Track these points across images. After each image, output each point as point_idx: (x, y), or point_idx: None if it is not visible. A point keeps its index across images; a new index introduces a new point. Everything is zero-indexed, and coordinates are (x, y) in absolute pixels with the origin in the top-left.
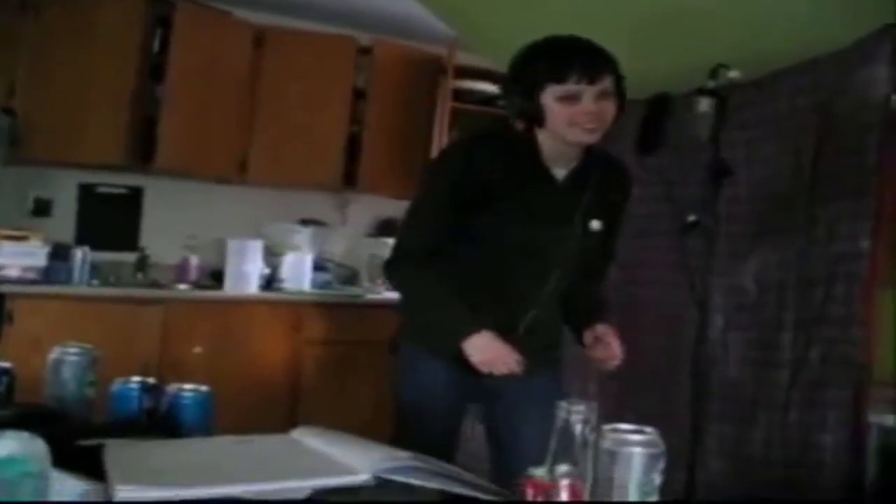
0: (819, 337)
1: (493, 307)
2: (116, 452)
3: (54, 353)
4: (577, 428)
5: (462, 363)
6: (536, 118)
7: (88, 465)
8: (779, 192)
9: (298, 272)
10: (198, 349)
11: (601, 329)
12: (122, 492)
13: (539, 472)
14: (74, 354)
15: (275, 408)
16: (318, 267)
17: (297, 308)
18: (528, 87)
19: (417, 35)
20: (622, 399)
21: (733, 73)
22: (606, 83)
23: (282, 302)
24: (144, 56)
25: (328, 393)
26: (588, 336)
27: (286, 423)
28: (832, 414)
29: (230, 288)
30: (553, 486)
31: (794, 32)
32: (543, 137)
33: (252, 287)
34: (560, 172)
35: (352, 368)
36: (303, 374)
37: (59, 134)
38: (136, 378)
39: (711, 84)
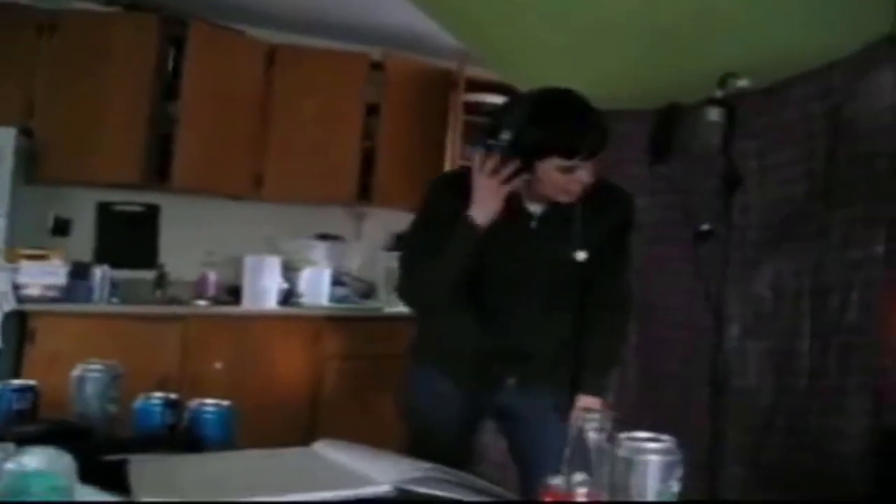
0: (836, 344)
1: (481, 335)
2: (141, 467)
3: (77, 371)
4: (592, 436)
5: (470, 380)
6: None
7: (113, 479)
8: (792, 200)
9: (316, 287)
10: (218, 365)
11: (588, 403)
12: None
13: (556, 482)
14: (97, 371)
15: (295, 422)
16: (336, 281)
17: (315, 322)
18: (530, 152)
19: (428, 50)
20: (640, 407)
21: (742, 82)
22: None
23: (300, 317)
24: (159, 75)
25: (348, 407)
26: (576, 407)
27: (307, 437)
28: (852, 421)
29: (248, 303)
30: (570, 496)
31: (802, 40)
32: (524, 181)
33: (270, 302)
34: (538, 208)
35: (372, 382)
36: (322, 388)
37: (76, 153)
38: (159, 394)
39: (720, 93)
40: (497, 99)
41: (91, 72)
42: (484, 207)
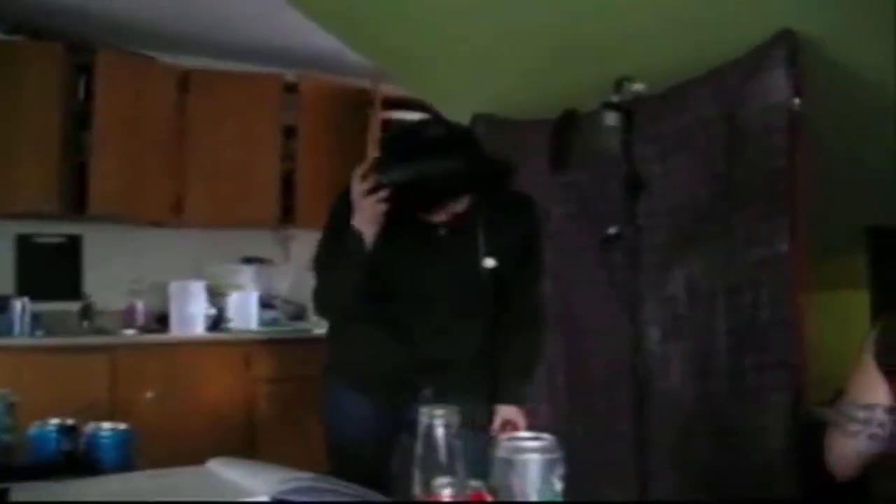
0: (752, 343)
1: (394, 347)
2: (22, 495)
3: None
4: (440, 432)
5: (385, 394)
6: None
7: None
8: (695, 202)
9: (245, 311)
10: (150, 394)
11: (507, 413)
12: None
13: (441, 483)
14: None
15: (231, 446)
16: (265, 304)
17: (245, 347)
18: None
19: (342, 69)
20: (571, 414)
21: (637, 86)
22: (459, 205)
23: (229, 342)
24: (69, 103)
25: (283, 429)
26: (497, 419)
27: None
28: (773, 418)
29: (176, 330)
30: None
31: (695, 43)
32: None
33: (198, 328)
34: (437, 217)
35: (305, 403)
36: (256, 411)
37: None
38: (55, 420)
39: (616, 97)
40: (413, 115)
41: None
42: (365, 222)
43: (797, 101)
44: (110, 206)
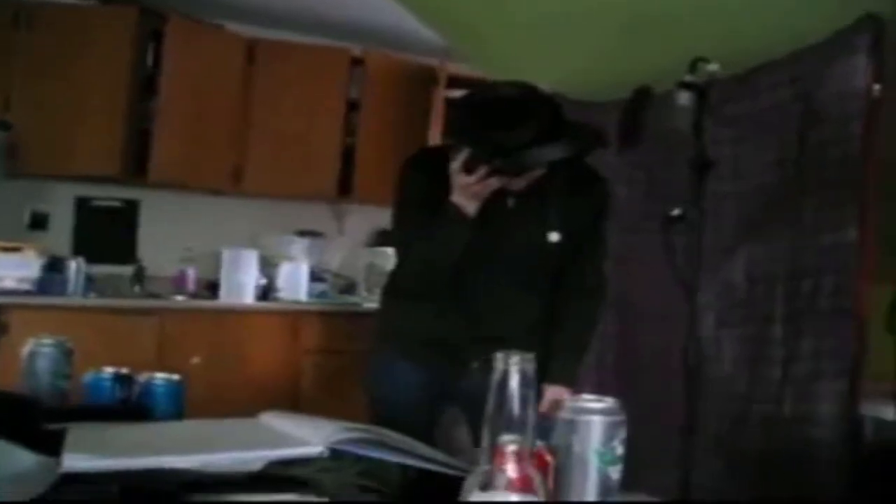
0: (809, 330)
1: (451, 318)
2: (78, 432)
3: (28, 346)
4: (515, 380)
5: (434, 365)
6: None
7: (54, 446)
8: (764, 186)
9: (295, 282)
10: (196, 359)
11: (556, 393)
12: (70, 461)
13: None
14: (48, 346)
15: None
16: (315, 277)
17: (293, 317)
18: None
19: (409, 46)
20: (619, 396)
21: (712, 67)
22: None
23: (278, 311)
24: (137, 69)
25: (327, 400)
26: (545, 399)
27: None
28: (826, 407)
29: (226, 298)
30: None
31: (775, 26)
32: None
33: (248, 297)
34: (516, 184)
35: (350, 377)
36: (301, 382)
37: (54, 147)
38: (109, 368)
39: (690, 78)
40: None
41: (69, 65)
42: (469, 198)
43: (877, 87)
44: (171, 173)
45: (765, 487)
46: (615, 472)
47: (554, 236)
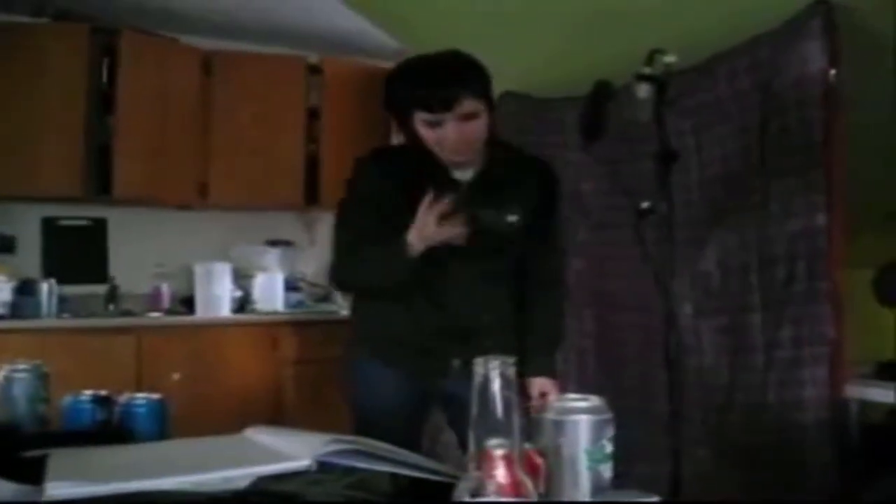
0: (787, 317)
1: (421, 313)
2: (60, 459)
3: (2, 372)
4: (496, 384)
5: (413, 365)
6: (413, 138)
7: (34, 474)
8: (730, 175)
9: (270, 293)
10: (176, 375)
11: (542, 385)
12: (53, 489)
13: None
14: (23, 371)
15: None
16: (291, 287)
17: (271, 328)
18: (399, 111)
19: (366, 51)
20: (601, 393)
21: (669, 58)
22: (467, 107)
23: (256, 323)
24: (93, 86)
25: (310, 410)
26: (533, 391)
27: None
28: (809, 392)
29: (202, 312)
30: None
31: (732, 15)
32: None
33: (224, 310)
34: (466, 174)
35: (332, 385)
36: (283, 392)
37: (14, 168)
38: (88, 391)
39: (648, 70)
40: None
41: (23, 85)
42: (422, 240)
43: (833, 72)
44: (135, 190)
45: (753, 475)
46: (606, 470)
47: (511, 217)
